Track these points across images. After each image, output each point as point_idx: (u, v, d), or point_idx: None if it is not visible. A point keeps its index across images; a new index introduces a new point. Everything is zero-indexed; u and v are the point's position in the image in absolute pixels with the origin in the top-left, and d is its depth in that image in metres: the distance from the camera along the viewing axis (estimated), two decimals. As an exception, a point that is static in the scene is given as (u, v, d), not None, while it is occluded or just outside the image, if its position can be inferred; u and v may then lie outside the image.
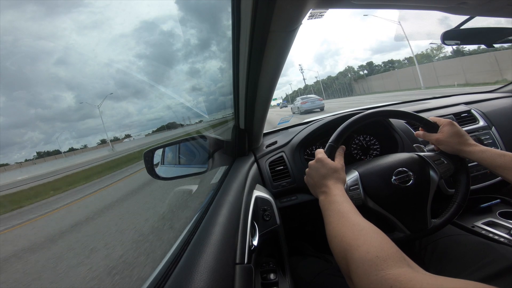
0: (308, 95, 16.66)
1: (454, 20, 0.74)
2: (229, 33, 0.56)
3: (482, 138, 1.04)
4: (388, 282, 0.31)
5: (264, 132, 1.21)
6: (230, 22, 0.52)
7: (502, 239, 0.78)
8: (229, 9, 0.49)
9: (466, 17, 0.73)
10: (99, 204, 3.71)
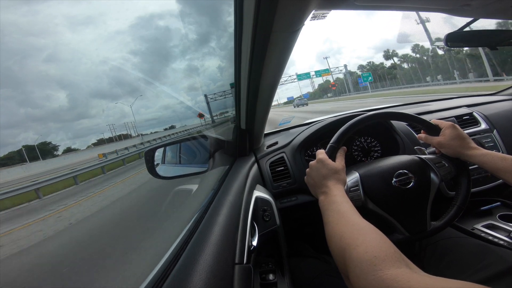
0: None
1: (458, 21, 0.74)
2: (231, 33, 0.56)
3: (484, 141, 1.04)
4: (386, 282, 0.31)
5: (265, 132, 1.21)
6: (232, 22, 0.52)
7: (501, 242, 0.77)
8: (231, 10, 0.49)
9: (470, 19, 0.73)
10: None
